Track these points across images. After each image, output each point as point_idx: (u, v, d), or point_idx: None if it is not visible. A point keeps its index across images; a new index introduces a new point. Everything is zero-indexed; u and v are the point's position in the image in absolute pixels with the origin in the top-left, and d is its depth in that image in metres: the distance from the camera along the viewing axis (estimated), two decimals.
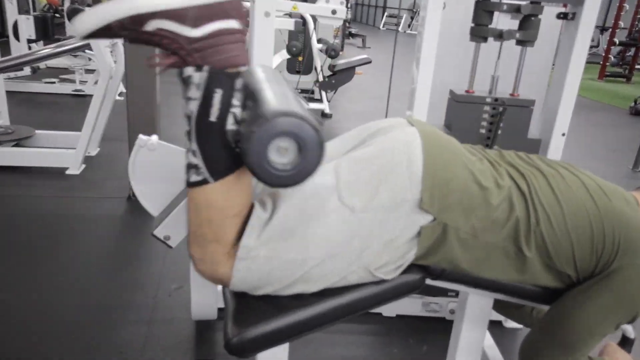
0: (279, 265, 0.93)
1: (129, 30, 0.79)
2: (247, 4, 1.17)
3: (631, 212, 1.06)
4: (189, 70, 0.82)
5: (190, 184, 0.89)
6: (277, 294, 0.97)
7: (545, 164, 1.14)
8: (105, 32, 0.78)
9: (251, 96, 0.90)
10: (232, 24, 0.82)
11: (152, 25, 0.78)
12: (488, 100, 1.58)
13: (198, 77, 0.81)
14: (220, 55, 0.82)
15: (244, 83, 0.88)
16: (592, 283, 1.05)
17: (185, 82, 0.83)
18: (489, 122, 1.60)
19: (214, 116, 0.84)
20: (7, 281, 1.96)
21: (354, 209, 0.93)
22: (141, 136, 1.65)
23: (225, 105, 0.84)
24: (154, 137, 1.66)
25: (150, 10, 0.77)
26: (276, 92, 0.90)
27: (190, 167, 0.88)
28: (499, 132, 1.59)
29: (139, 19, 0.77)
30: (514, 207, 1.02)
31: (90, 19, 0.77)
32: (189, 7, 0.78)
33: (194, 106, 0.83)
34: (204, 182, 0.88)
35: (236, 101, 0.86)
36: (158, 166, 1.67)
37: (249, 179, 0.93)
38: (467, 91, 1.61)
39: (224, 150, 0.87)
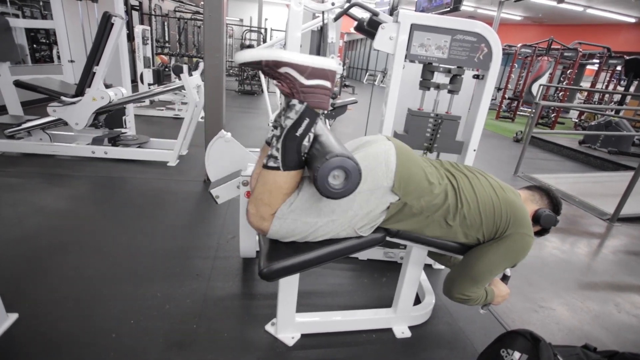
0: (300, 225, 0.91)
1: (269, 67, 0.77)
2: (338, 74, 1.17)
3: (518, 201, 1.05)
4: (295, 101, 0.81)
5: (267, 167, 0.87)
6: (295, 241, 0.95)
7: (468, 170, 1.12)
8: (254, 65, 0.77)
9: (316, 137, 0.91)
10: (328, 84, 0.81)
11: (283, 69, 0.78)
12: (431, 115, 1.52)
13: (298, 106, 0.81)
14: (315, 99, 0.81)
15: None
16: (493, 242, 1.03)
17: (289, 106, 0.82)
18: (432, 129, 1.54)
19: (299, 132, 0.83)
20: (125, 228, 1.94)
21: None
22: (223, 130, 1.61)
23: (308, 129, 0.84)
24: (229, 134, 1.62)
25: (286, 61, 0.77)
26: (329, 138, 0.91)
27: (271, 157, 0.86)
28: (438, 135, 1.53)
29: (278, 64, 0.77)
30: (448, 196, 1.00)
31: (251, 54, 0.76)
32: (309, 66, 0.78)
33: (289, 122, 0.82)
34: (277, 168, 0.86)
35: (314, 129, 0.86)
36: (224, 153, 1.64)
37: (301, 175, 0.91)
38: (419, 109, 1.55)
39: (296, 154, 0.86)
